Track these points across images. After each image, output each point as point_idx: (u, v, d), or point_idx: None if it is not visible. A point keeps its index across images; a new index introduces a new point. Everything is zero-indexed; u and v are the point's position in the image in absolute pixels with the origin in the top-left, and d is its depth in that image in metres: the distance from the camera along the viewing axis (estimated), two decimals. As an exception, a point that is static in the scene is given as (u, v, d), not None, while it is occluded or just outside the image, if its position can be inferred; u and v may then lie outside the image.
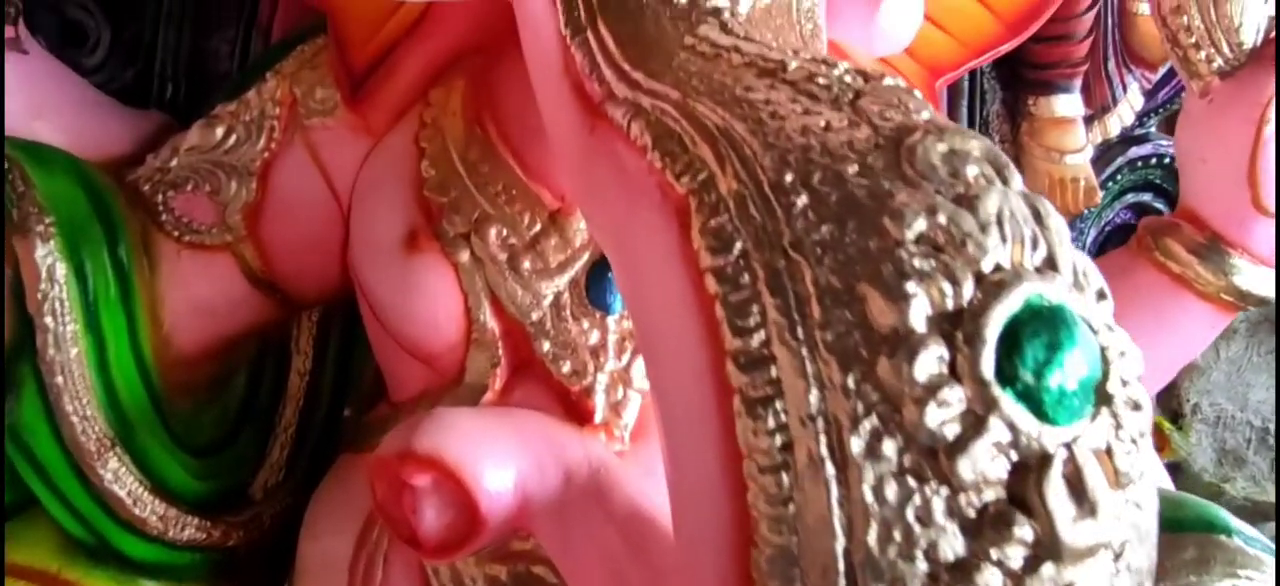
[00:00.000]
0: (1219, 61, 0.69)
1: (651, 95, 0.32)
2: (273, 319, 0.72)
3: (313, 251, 0.66)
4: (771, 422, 0.23)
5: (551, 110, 0.40)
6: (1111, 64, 0.93)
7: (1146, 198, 0.99)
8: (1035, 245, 0.25)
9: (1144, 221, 0.75)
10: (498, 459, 0.44)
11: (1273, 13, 0.70)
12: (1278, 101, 0.67)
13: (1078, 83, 0.92)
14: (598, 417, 0.54)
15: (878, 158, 0.24)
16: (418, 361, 0.60)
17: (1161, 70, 0.96)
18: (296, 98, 0.65)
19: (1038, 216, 0.26)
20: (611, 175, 0.32)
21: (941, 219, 0.24)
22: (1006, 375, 0.23)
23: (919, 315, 0.22)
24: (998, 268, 0.24)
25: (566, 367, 0.55)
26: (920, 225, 0.23)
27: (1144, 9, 0.93)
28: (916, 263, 0.23)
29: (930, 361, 0.22)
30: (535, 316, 0.55)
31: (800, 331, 0.23)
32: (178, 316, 0.65)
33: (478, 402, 0.56)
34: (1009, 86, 0.93)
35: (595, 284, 0.55)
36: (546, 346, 0.55)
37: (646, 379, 0.37)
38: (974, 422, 0.22)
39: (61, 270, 0.57)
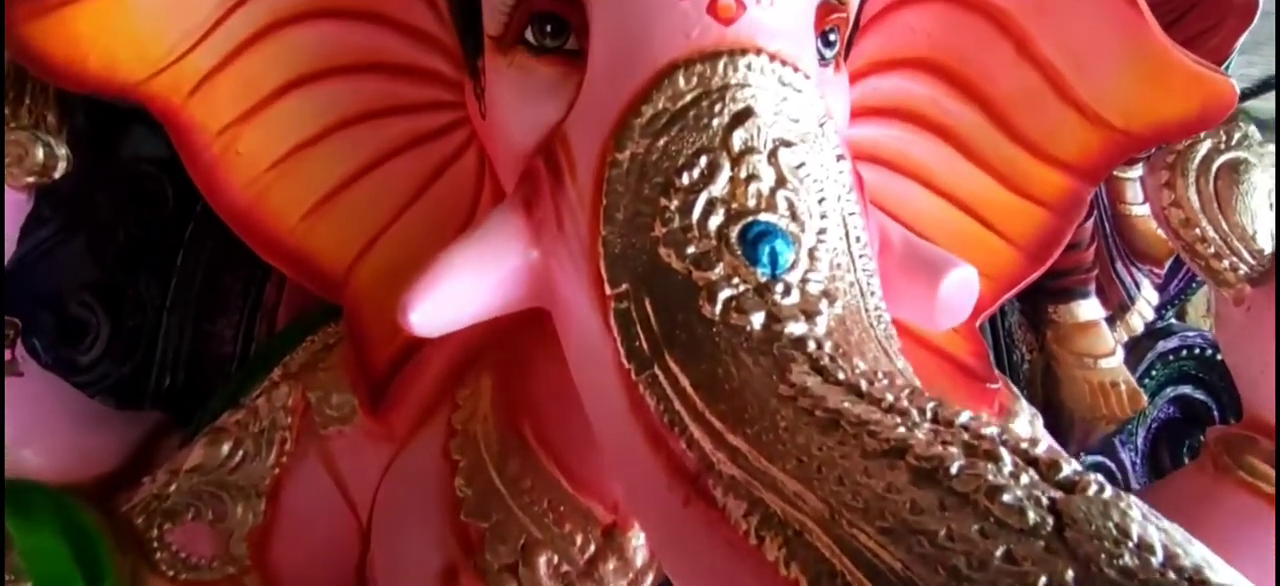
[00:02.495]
0: (1244, 269, 0.69)
1: (773, 490, 0.27)
2: (273, 644, 0.63)
3: (326, 570, 0.59)
4: None
5: (618, 452, 0.36)
6: (1119, 265, 0.95)
7: (1187, 390, 0.96)
8: None
9: (1212, 436, 0.71)
10: None
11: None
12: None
13: (1092, 287, 0.92)
14: None
15: None
16: None
17: (1167, 264, 0.98)
18: (310, 404, 0.61)
19: None
20: (732, 575, 0.27)
21: None
22: None
23: None
24: None
25: None
26: None
27: (1136, 209, 0.96)
28: None
29: None
30: (601, 661, 0.48)
31: None
32: (165, 669, 0.57)
33: None
34: (1026, 298, 0.92)
35: (665, 614, 0.48)
36: None
37: None
38: None
39: (32, 646, 0.49)
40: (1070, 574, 0.21)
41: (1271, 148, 0.72)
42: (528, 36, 0.48)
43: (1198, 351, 0.96)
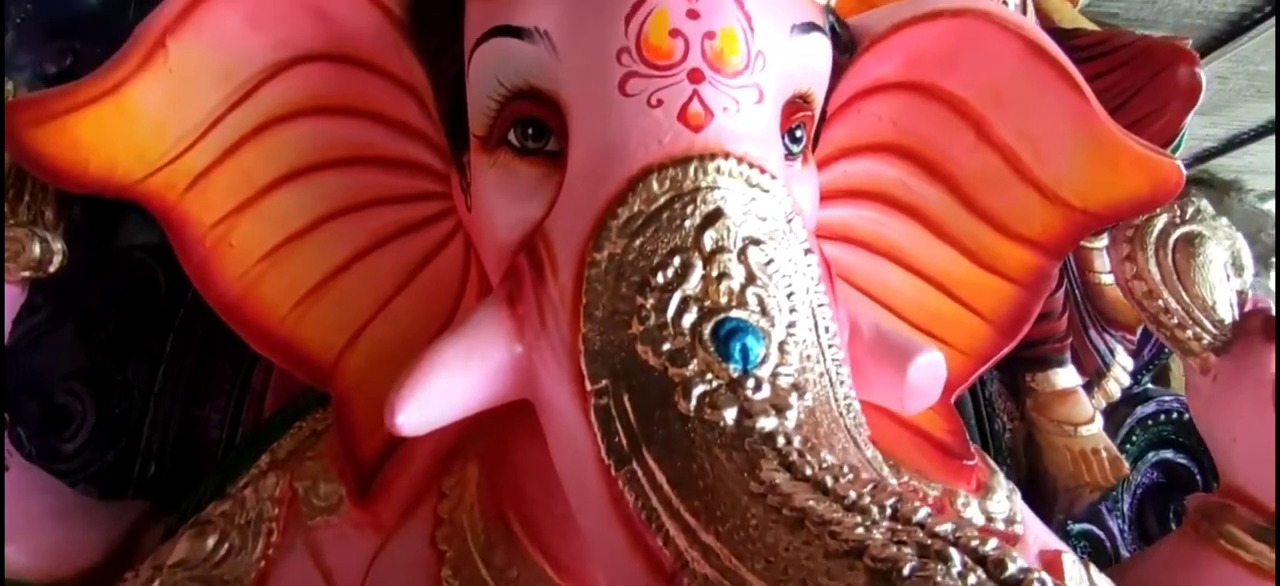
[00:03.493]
0: (1208, 338, 0.71)
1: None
2: None
3: (309, 665, 0.58)
4: None
5: (598, 545, 0.37)
6: (1093, 332, 0.97)
7: (1168, 455, 0.98)
8: None
9: (1193, 503, 0.72)
10: None
11: (1240, 288, 0.74)
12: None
13: (1068, 355, 0.94)
14: None
15: None
16: None
17: (1139, 330, 1.00)
18: (297, 494, 0.61)
19: None
20: None
21: None
22: None
23: None
24: None
25: None
26: None
27: (1105, 278, 0.99)
28: None
29: None
30: None
31: None
32: None
33: None
34: (1005, 368, 0.94)
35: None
36: None
37: None
38: None
39: None
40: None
41: (1223, 220, 0.75)
42: (511, 138, 0.50)
43: (1176, 416, 0.97)
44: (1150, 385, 1.03)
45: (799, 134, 0.53)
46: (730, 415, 0.35)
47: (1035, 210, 0.67)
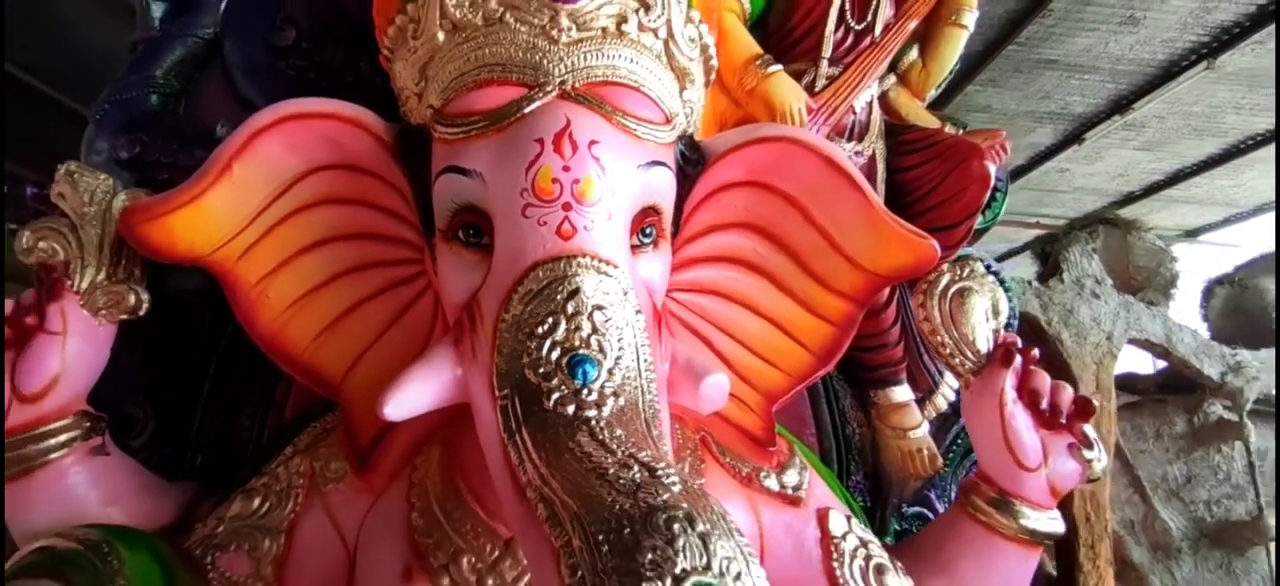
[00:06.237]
0: (969, 364, 0.98)
1: (550, 489, 0.56)
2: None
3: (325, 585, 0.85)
4: None
5: (498, 485, 0.64)
6: (926, 358, 1.24)
7: (985, 454, 1.24)
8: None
9: (960, 484, 0.98)
10: None
11: (995, 327, 1.01)
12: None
13: (903, 375, 1.21)
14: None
15: (640, 524, 0.49)
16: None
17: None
18: (315, 470, 0.88)
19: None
20: (533, 536, 0.56)
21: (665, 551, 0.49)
22: None
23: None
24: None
25: None
26: (650, 556, 0.48)
27: (941, 318, 1.26)
28: (649, 571, 0.47)
29: None
30: (501, 626, 0.74)
31: None
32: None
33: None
34: (854, 384, 1.21)
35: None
36: None
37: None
38: None
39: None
40: (629, 505, 0.50)
41: (990, 278, 1.02)
42: (459, 235, 0.78)
43: (994, 423, 1.23)
44: (974, 399, 1.29)
45: (649, 231, 0.80)
46: (570, 409, 0.62)
47: (845, 273, 0.92)
